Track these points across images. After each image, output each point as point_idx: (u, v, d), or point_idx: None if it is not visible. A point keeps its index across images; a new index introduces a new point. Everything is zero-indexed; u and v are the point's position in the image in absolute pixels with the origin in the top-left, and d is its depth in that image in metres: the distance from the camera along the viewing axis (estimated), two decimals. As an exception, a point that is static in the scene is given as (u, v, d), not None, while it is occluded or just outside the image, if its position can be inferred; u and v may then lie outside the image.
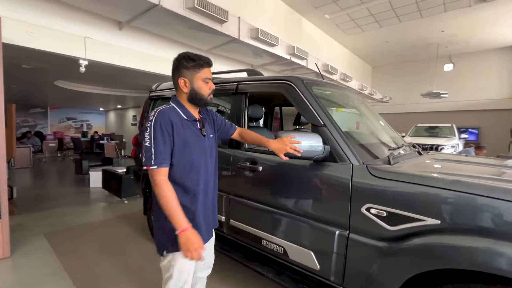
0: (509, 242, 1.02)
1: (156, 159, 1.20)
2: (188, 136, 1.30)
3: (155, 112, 1.27)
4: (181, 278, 1.32)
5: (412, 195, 1.26)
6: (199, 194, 1.33)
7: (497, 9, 7.34)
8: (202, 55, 1.34)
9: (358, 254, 1.41)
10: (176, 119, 1.28)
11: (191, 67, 1.30)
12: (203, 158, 1.36)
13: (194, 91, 1.32)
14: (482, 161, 1.98)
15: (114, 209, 4.33)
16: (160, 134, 1.21)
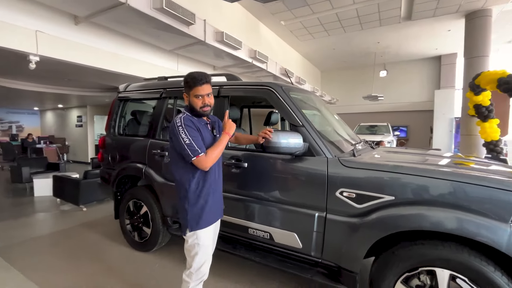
0: (435, 207, 1.44)
1: (201, 149, 1.51)
2: (205, 134, 1.61)
3: (180, 119, 1.57)
4: (205, 251, 1.61)
5: (374, 179, 1.62)
6: (215, 178, 1.66)
7: (420, 28, 8.79)
8: (198, 76, 1.59)
9: (334, 230, 1.73)
10: (195, 121, 1.60)
11: (187, 87, 1.62)
12: None
13: (190, 105, 1.64)
14: (414, 151, 2.52)
15: (73, 218, 4.02)
16: (192, 131, 1.54)
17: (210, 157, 1.53)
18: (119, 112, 3.12)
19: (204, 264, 1.60)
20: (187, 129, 1.51)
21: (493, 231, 1.30)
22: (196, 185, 1.57)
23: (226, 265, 2.56)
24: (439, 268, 1.43)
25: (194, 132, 1.54)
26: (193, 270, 1.58)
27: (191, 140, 1.50)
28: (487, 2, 7.20)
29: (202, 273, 1.61)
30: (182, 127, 1.52)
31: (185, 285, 1.61)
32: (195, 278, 1.59)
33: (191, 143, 1.49)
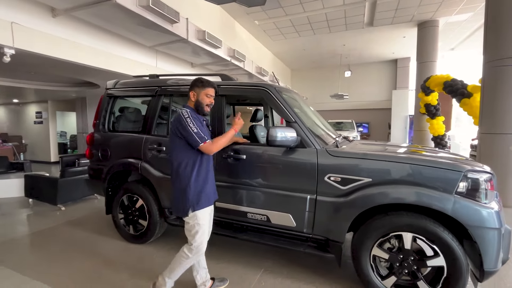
0: (402, 185, 1.84)
1: (207, 137, 1.81)
2: (203, 127, 1.87)
3: (186, 112, 1.82)
4: (204, 230, 1.87)
5: (355, 165, 1.99)
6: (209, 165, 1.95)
7: (380, 33, 9.69)
8: (210, 80, 1.95)
9: (323, 209, 2.07)
10: (195, 115, 1.88)
11: (201, 86, 1.91)
12: None
13: (198, 101, 1.91)
14: (383, 143, 2.99)
15: (54, 217, 3.89)
16: (198, 122, 1.82)
17: (216, 144, 1.83)
18: (108, 108, 3.14)
19: (203, 241, 1.87)
20: (194, 121, 1.79)
21: (441, 200, 1.74)
22: (197, 172, 1.84)
23: (223, 248, 2.80)
24: (404, 232, 1.85)
25: (199, 123, 1.82)
26: (194, 247, 1.83)
27: (198, 130, 1.77)
28: (435, 14, 8.24)
29: (201, 248, 1.86)
30: (190, 118, 1.78)
31: (185, 257, 1.84)
32: (195, 253, 1.84)
33: (198, 132, 1.76)
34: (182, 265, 1.87)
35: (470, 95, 5.33)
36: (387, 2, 7.49)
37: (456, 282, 1.73)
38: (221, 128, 2.47)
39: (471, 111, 5.33)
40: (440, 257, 1.76)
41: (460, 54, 11.82)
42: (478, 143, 4.62)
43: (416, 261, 1.84)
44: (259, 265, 2.51)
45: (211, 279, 2.15)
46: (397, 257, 1.88)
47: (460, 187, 1.75)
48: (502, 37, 4.18)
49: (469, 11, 7.94)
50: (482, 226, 1.68)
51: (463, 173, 1.76)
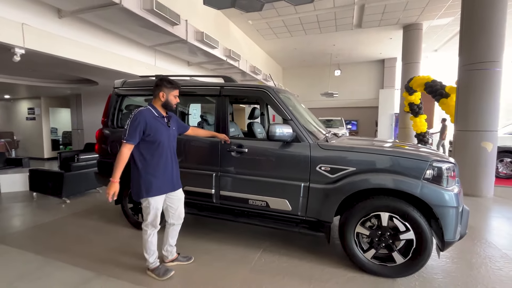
0: (380, 173, 2.20)
1: (127, 137, 2.02)
2: (157, 125, 2.12)
3: (138, 113, 2.07)
4: (155, 212, 2.18)
5: (342, 157, 2.34)
6: (162, 159, 2.16)
7: (368, 35, 10.13)
8: (177, 83, 2.21)
9: (315, 194, 2.41)
10: (150, 115, 2.11)
11: (171, 87, 2.17)
12: (167, 138, 2.18)
13: (167, 101, 2.17)
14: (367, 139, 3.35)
15: (60, 209, 4.10)
16: (134, 123, 2.03)
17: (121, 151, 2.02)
18: (117, 106, 3.38)
19: (155, 219, 2.19)
20: (133, 121, 2.02)
21: (412, 185, 2.10)
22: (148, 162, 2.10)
23: (224, 233, 3.11)
24: (382, 212, 2.21)
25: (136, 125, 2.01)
26: (148, 223, 2.19)
27: (129, 130, 2.01)
28: (419, 18, 8.73)
29: (155, 225, 2.21)
30: (134, 119, 2.03)
31: (144, 232, 2.22)
32: (150, 227, 2.20)
33: (125, 130, 2.02)
34: (146, 239, 2.22)
35: (447, 95, 5.81)
36: (375, 6, 7.90)
37: (423, 251, 2.11)
38: (224, 126, 2.77)
39: (448, 110, 5.81)
40: (411, 231, 2.14)
41: (442, 55, 12.44)
42: (454, 139, 5.09)
43: (392, 236, 2.21)
44: (258, 245, 2.84)
45: (177, 253, 2.51)
46: (376, 233, 2.25)
47: (427, 174, 2.12)
48: (474, 44, 4.63)
49: (450, 16, 8.46)
50: (443, 205, 2.06)
51: (429, 163, 2.13)
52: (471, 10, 4.69)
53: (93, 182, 4.83)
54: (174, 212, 2.34)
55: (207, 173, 2.81)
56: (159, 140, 2.12)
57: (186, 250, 2.68)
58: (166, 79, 2.17)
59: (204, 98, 3.01)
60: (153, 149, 2.11)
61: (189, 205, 2.99)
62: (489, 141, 4.61)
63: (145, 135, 2.07)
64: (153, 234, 2.24)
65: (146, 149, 2.09)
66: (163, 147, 2.15)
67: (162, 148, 2.14)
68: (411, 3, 7.68)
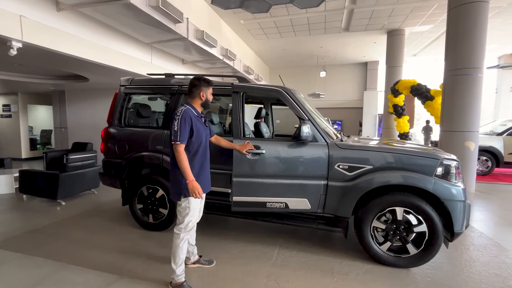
0: (396, 171, 2.36)
1: (180, 138, 1.99)
2: (199, 125, 2.12)
3: (180, 111, 2.05)
4: (194, 214, 2.13)
5: (360, 155, 2.48)
6: (201, 159, 2.15)
7: (354, 38, 10.53)
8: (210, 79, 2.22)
9: (333, 192, 2.53)
10: (193, 114, 2.11)
11: (207, 85, 2.18)
12: (205, 138, 2.19)
13: (206, 98, 2.19)
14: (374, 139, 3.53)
15: (56, 212, 3.90)
16: (187, 122, 2.02)
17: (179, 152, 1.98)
18: (125, 104, 3.29)
19: (191, 222, 2.12)
20: (183, 120, 2.00)
21: (425, 181, 2.28)
22: (191, 162, 2.05)
23: (239, 232, 3.15)
24: (397, 207, 2.37)
25: (187, 123, 2.01)
26: (183, 226, 2.10)
27: (179, 129, 1.98)
28: (402, 24, 9.23)
29: (190, 228, 2.13)
30: (179, 117, 2.00)
31: (176, 236, 2.10)
32: (184, 232, 2.11)
33: (176, 131, 1.98)
34: (177, 245, 2.07)
35: (432, 98, 6.23)
36: (363, 11, 8.24)
37: (435, 242, 2.29)
38: (237, 125, 2.79)
39: (433, 111, 6.23)
40: (423, 224, 2.32)
41: (421, 59, 13.22)
42: (439, 139, 5.48)
43: (405, 229, 2.38)
44: (274, 242, 2.91)
45: (199, 256, 2.46)
46: (391, 227, 2.41)
47: (438, 171, 2.31)
48: (458, 51, 5.01)
49: (430, 23, 9.03)
50: (453, 199, 2.26)
51: (440, 161, 2.33)
52: (456, 21, 5.07)
53: (88, 183, 4.66)
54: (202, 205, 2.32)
55: (225, 172, 2.83)
56: (201, 139, 2.12)
57: (203, 249, 2.70)
58: (203, 79, 2.18)
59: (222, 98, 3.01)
60: (195, 149, 2.10)
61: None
62: (471, 140, 5.02)
63: (190, 135, 2.06)
64: (185, 240, 2.13)
65: (189, 148, 2.06)
66: (203, 147, 2.15)
67: (203, 148, 2.15)
68: (396, 10, 8.11)
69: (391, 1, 7.58)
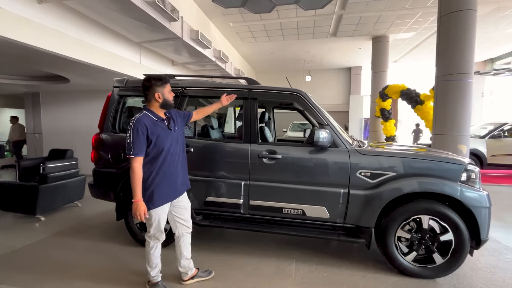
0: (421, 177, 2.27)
1: (134, 151, 1.83)
2: (159, 131, 1.93)
3: (134, 120, 1.86)
4: (158, 226, 2.02)
5: (382, 162, 2.36)
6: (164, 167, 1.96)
7: (340, 43, 10.71)
8: (162, 75, 1.96)
9: (355, 200, 2.39)
10: (149, 121, 1.91)
11: (162, 84, 1.95)
12: (170, 143, 1.98)
13: (165, 99, 1.97)
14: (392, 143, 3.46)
15: (34, 229, 3.43)
16: (136, 133, 1.83)
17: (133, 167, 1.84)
18: (119, 108, 2.96)
19: (158, 231, 2.03)
20: (137, 130, 1.83)
21: (452, 188, 2.21)
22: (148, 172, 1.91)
23: (249, 245, 2.92)
24: (422, 215, 2.28)
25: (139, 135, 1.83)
26: (151, 235, 2.03)
27: (132, 141, 1.82)
28: (387, 31, 9.51)
29: (158, 237, 2.05)
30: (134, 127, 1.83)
31: (147, 243, 2.07)
32: (153, 239, 2.05)
33: (129, 143, 1.82)
34: (149, 251, 2.06)
35: (422, 102, 6.39)
36: (351, 17, 8.38)
37: (462, 251, 2.22)
38: (254, 131, 2.61)
39: (423, 115, 6.39)
40: (450, 232, 2.24)
41: (401, 65, 13.76)
42: (432, 142, 5.60)
43: (431, 238, 2.29)
44: (289, 256, 2.72)
45: (196, 268, 2.31)
46: (416, 236, 2.31)
47: (463, 177, 2.25)
48: (448, 57, 5.17)
49: (413, 31, 9.39)
50: (480, 206, 2.20)
51: (465, 166, 2.27)
52: (446, 28, 5.22)
53: (71, 195, 4.21)
54: (182, 222, 2.17)
55: (235, 181, 2.61)
56: (162, 147, 1.94)
57: (215, 266, 2.45)
58: (154, 77, 1.95)
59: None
60: (155, 158, 1.93)
61: (210, 217, 2.76)
62: (463, 143, 5.17)
63: (147, 144, 1.89)
64: (156, 246, 2.08)
65: (149, 158, 1.92)
66: (166, 153, 1.96)
67: (165, 155, 1.96)
68: (383, 17, 8.33)
69: (379, 8, 7.76)
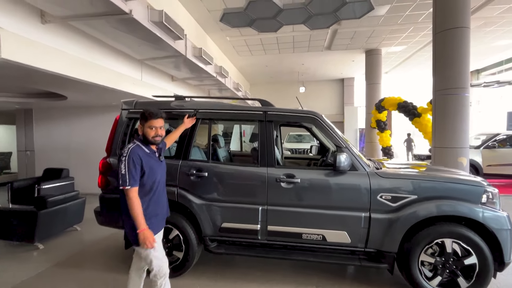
0: (443, 200, 2.26)
1: (129, 182, 1.77)
2: (151, 162, 1.92)
3: (127, 150, 1.83)
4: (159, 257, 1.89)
5: (403, 185, 2.35)
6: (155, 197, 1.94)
7: (334, 56, 10.94)
8: (154, 112, 1.92)
9: (377, 225, 2.35)
10: (143, 152, 1.89)
11: (143, 119, 1.93)
12: (160, 174, 2.00)
13: (143, 136, 1.93)
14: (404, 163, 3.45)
15: (33, 259, 3.22)
16: (132, 164, 1.79)
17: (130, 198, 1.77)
18: (128, 131, 2.86)
19: (162, 267, 1.90)
20: (130, 160, 1.78)
21: (474, 211, 2.21)
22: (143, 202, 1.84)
23: (268, 270, 2.82)
24: (446, 238, 2.26)
25: (133, 165, 1.78)
26: (156, 273, 1.88)
27: (127, 172, 1.76)
28: (380, 44, 9.79)
29: (163, 270, 1.91)
30: (126, 157, 1.79)
31: (154, 284, 1.90)
32: (159, 276, 1.90)
33: (124, 174, 1.76)
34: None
35: (419, 115, 6.53)
36: (346, 32, 8.60)
37: (486, 274, 2.20)
38: (271, 154, 2.56)
39: (421, 128, 6.51)
40: (473, 256, 2.22)
41: (391, 77, 14.15)
42: (432, 155, 5.68)
43: (455, 262, 2.27)
44: (308, 283, 2.63)
45: None
46: (440, 260, 2.28)
47: (483, 199, 2.26)
48: (445, 72, 5.33)
49: (404, 44, 9.70)
50: (502, 228, 2.20)
51: (484, 188, 2.28)
52: (442, 45, 5.40)
53: (71, 219, 4.02)
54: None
55: (252, 207, 2.53)
56: (155, 178, 1.92)
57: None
58: (143, 112, 1.93)
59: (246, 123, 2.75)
60: (150, 188, 1.90)
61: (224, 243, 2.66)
62: (463, 156, 5.27)
63: (141, 175, 1.84)
64: (165, 283, 1.94)
65: (142, 189, 1.86)
66: (158, 184, 1.95)
67: (157, 186, 1.95)
68: (376, 31, 8.58)
69: (373, 24, 7.99)
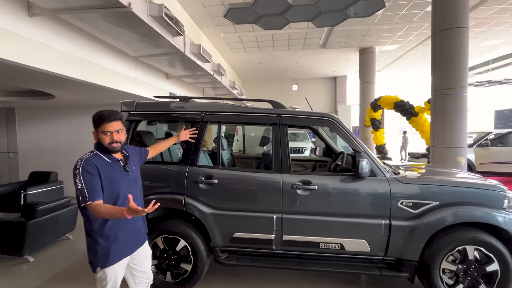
0: (465, 206, 2.20)
1: (90, 196, 1.51)
2: (113, 173, 1.63)
3: (80, 161, 1.56)
4: (115, 284, 1.65)
5: (424, 191, 2.27)
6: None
7: (328, 54, 10.90)
8: (106, 114, 1.60)
9: (397, 232, 2.26)
10: (101, 162, 1.60)
11: (95, 124, 1.63)
12: (126, 187, 1.67)
13: (98, 141, 1.64)
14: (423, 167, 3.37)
15: (24, 274, 2.96)
16: (88, 176, 1.52)
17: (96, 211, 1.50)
18: (129, 135, 2.64)
19: None
20: (83, 175, 1.52)
21: (497, 216, 2.16)
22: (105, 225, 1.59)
23: (281, 280, 2.69)
24: (468, 245, 2.20)
25: (90, 177, 1.53)
26: None
27: (83, 186, 1.50)
28: (374, 43, 9.82)
29: None
30: (79, 171, 1.52)
31: None
32: None
33: (82, 189, 1.50)
34: None
35: (416, 114, 6.56)
36: (341, 30, 8.54)
37: (508, 281, 2.16)
38: (285, 159, 2.43)
39: (418, 127, 6.56)
40: (495, 262, 2.17)
41: (383, 75, 14.31)
42: (431, 154, 5.72)
43: (476, 269, 2.21)
44: (323, 292, 2.53)
45: None
46: (462, 268, 2.22)
47: (505, 204, 2.21)
48: (444, 73, 5.35)
49: (398, 43, 9.76)
50: (524, 234, 2.16)
51: (506, 193, 2.23)
52: (441, 45, 5.41)
53: (63, 228, 3.75)
54: (141, 275, 1.82)
55: (266, 215, 2.39)
56: (117, 192, 1.62)
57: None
58: (94, 116, 1.62)
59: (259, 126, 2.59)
60: (112, 203, 1.60)
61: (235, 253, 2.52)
62: (461, 155, 5.32)
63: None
64: None
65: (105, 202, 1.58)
66: (123, 199, 1.61)
67: (122, 201, 1.61)
68: (371, 30, 8.57)
69: (369, 22, 7.96)
